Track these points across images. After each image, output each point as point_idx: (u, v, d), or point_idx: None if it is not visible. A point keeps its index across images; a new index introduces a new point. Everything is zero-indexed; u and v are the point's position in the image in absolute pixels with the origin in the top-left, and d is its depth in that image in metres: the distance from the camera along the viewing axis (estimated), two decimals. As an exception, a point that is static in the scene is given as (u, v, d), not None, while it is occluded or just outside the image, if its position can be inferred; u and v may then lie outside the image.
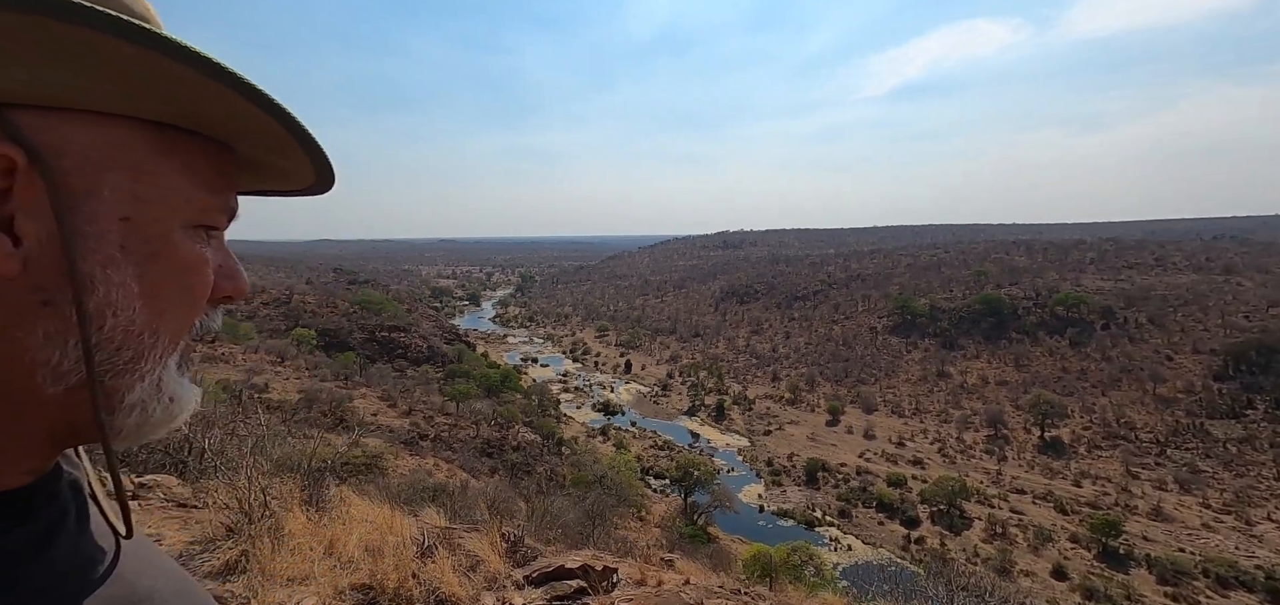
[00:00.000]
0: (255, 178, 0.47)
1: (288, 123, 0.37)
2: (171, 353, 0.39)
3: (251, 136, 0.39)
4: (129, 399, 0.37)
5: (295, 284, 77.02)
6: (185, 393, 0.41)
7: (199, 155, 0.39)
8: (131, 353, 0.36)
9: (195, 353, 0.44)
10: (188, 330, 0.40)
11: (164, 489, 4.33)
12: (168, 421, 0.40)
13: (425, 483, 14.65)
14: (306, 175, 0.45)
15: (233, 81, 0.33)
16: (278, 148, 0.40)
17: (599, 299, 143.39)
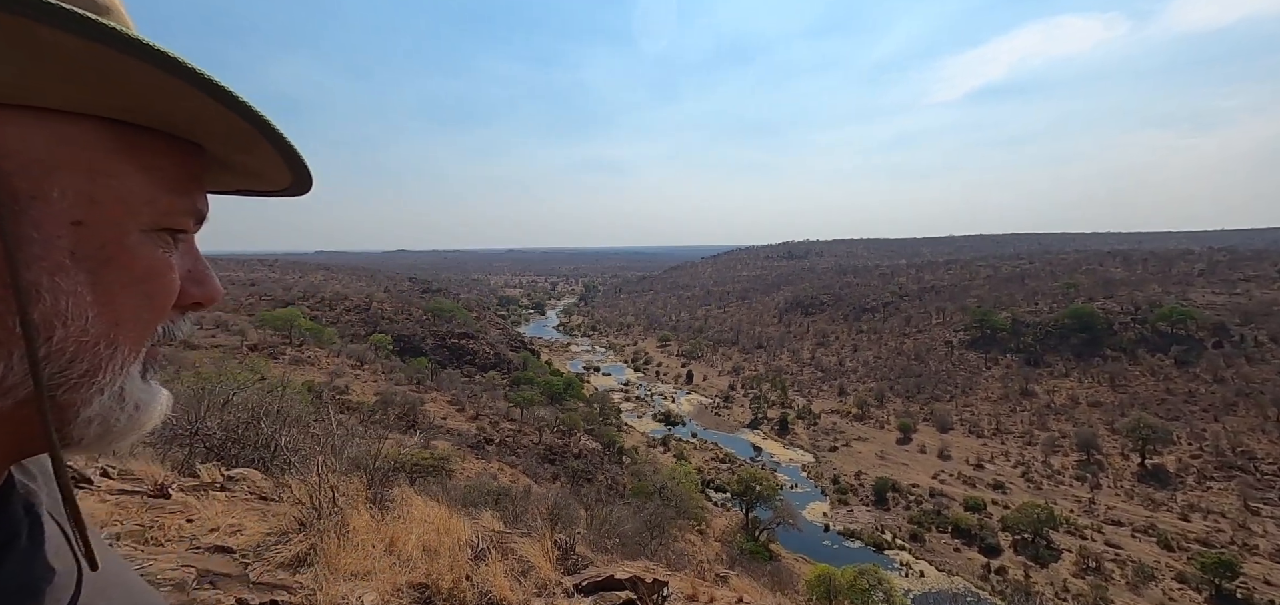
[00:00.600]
0: (229, 178, 0.45)
1: (252, 118, 0.35)
2: (133, 361, 0.37)
3: (216, 134, 0.37)
4: (87, 412, 0.35)
5: (374, 292, 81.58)
6: (151, 399, 0.40)
7: (161, 155, 0.37)
8: (87, 365, 0.34)
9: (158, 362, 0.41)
10: (150, 338, 0.39)
11: (248, 482, 4.65)
12: (134, 430, 0.39)
13: (489, 487, 15.09)
14: (282, 175, 0.43)
15: (190, 76, 0.31)
16: (245, 144, 0.38)
17: (661, 309, 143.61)
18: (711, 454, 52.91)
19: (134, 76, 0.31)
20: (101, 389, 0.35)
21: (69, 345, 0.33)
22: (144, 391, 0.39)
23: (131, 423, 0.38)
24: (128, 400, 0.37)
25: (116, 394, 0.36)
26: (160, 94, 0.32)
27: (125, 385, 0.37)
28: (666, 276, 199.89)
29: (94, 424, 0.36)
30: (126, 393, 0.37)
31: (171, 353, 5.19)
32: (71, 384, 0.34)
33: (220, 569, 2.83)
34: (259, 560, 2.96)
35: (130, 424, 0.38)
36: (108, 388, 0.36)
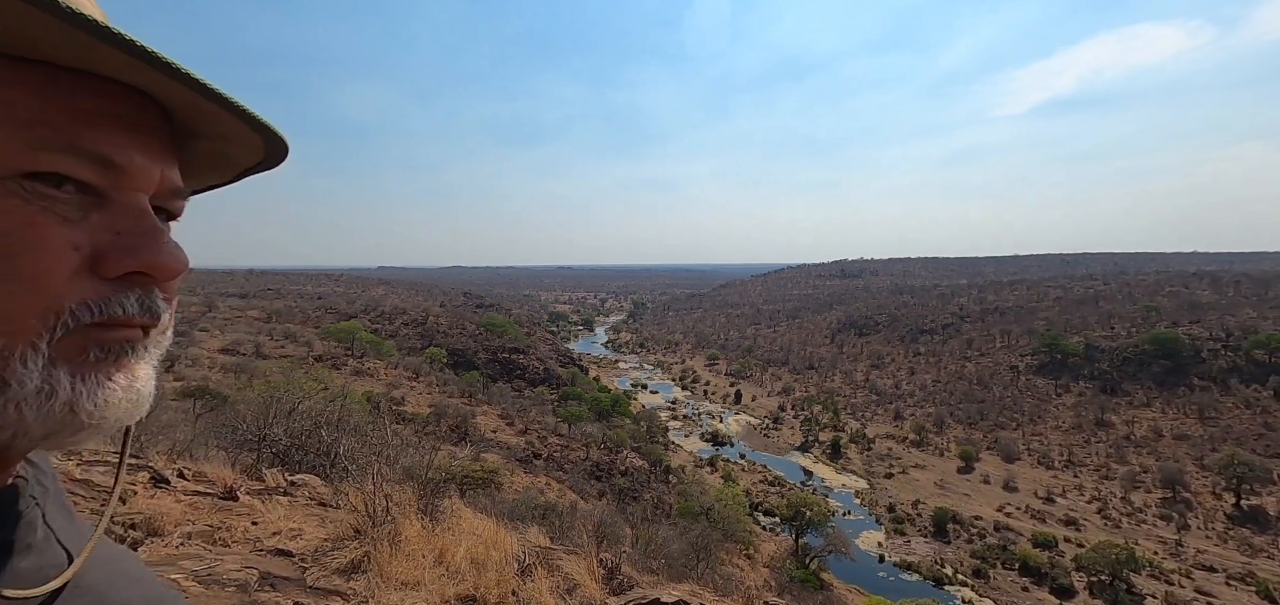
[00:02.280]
0: (222, 150, 0.41)
1: (74, 18, 0.26)
2: (12, 343, 0.30)
3: (53, 47, 0.29)
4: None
5: (431, 307, 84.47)
6: (83, 393, 0.32)
7: (6, 86, 0.29)
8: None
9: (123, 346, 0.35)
10: (45, 314, 0.30)
11: (309, 488, 4.84)
12: (65, 429, 0.32)
13: (536, 501, 15.23)
14: (241, 130, 0.38)
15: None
16: (83, 53, 0.30)
17: (709, 327, 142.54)
18: (760, 476, 51.81)
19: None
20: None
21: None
22: (65, 382, 0.31)
23: (50, 417, 0.31)
24: (18, 389, 0.30)
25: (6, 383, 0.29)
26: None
27: (8, 370, 0.30)
28: (716, 294, 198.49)
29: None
30: (12, 377, 0.30)
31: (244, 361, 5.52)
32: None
33: (280, 571, 2.94)
34: (316, 565, 3.06)
35: (50, 418, 0.31)
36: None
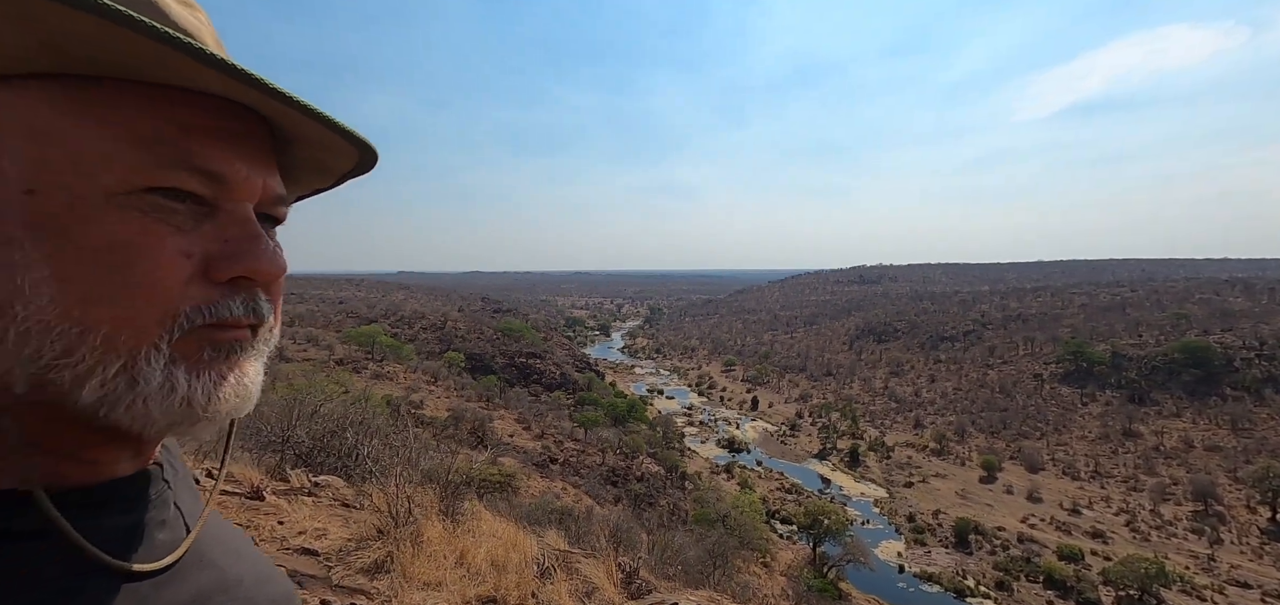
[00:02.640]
0: (301, 151, 0.43)
1: (168, 40, 0.30)
2: (137, 344, 0.33)
3: (168, 71, 0.33)
4: (86, 397, 0.33)
5: (449, 311, 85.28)
6: (199, 389, 0.36)
7: (132, 107, 0.33)
8: (62, 345, 0.32)
9: (234, 345, 0.38)
10: (162, 317, 0.34)
11: (333, 489, 4.92)
12: (184, 420, 0.36)
13: (553, 505, 15.26)
14: (340, 144, 0.42)
15: (94, 6, 0.27)
16: (192, 76, 0.34)
17: (726, 333, 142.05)
18: (777, 483, 51.40)
19: (67, 24, 0.29)
20: (89, 372, 0.32)
21: (35, 324, 0.31)
22: (183, 379, 0.35)
23: (170, 412, 0.35)
24: (144, 385, 0.34)
25: (121, 378, 0.33)
26: (84, 35, 0.29)
27: (136, 368, 0.33)
28: (732, 300, 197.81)
29: (114, 408, 0.34)
30: (139, 376, 0.34)
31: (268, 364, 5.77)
32: (52, 365, 0.32)
33: (306, 570, 3.00)
34: (341, 564, 3.11)
35: (171, 413, 0.35)
36: (99, 370, 0.33)
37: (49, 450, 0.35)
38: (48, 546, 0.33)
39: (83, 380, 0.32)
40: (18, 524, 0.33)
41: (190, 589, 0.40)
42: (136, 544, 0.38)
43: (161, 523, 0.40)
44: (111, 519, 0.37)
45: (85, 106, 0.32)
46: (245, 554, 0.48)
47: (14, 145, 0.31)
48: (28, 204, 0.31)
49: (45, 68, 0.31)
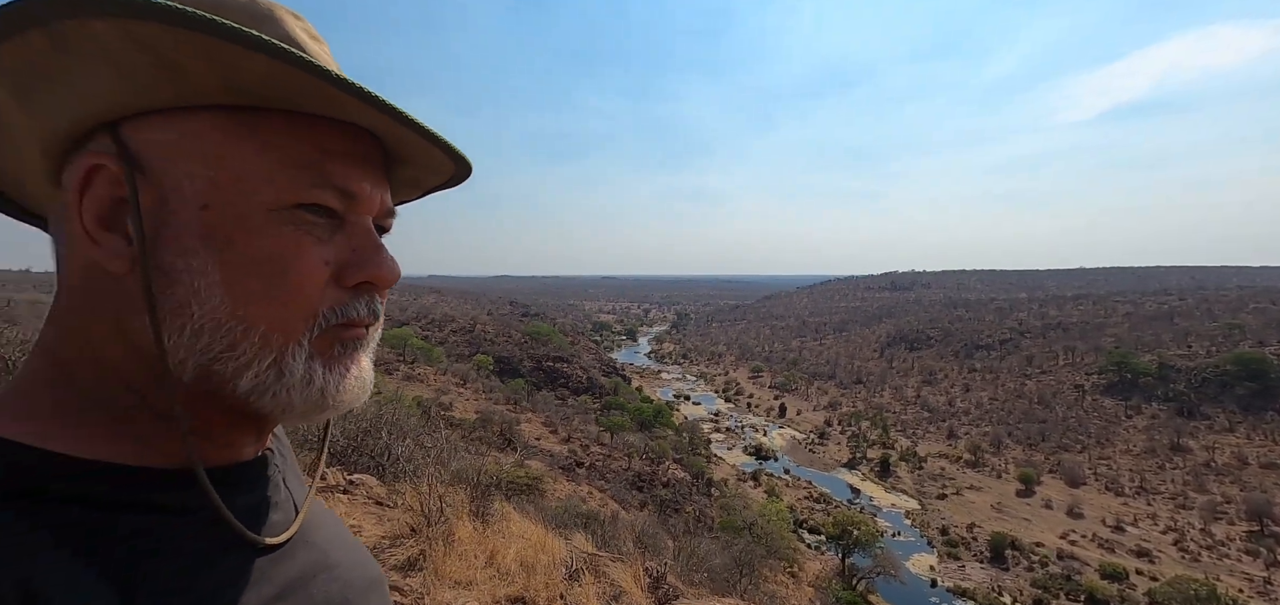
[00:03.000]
0: (406, 171, 0.49)
1: (320, 73, 0.35)
2: (286, 340, 0.39)
3: (305, 95, 0.38)
4: (243, 385, 0.38)
5: (478, 315, 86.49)
6: (336, 379, 0.42)
7: (280, 133, 0.39)
8: (227, 340, 0.38)
9: (356, 342, 0.44)
10: (305, 317, 0.40)
11: (366, 488, 5.04)
12: (321, 407, 0.41)
13: (579, 509, 15.31)
14: (437, 155, 0.46)
15: (269, 47, 0.33)
16: (333, 103, 0.39)
17: (753, 339, 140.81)
18: (805, 492, 50.65)
19: (205, 52, 0.34)
20: (247, 364, 0.38)
21: (206, 323, 0.37)
22: (319, 371, 0.41)
23: (308, 399, 0.40)
24: (289, 376, 0.39)
25: (271, 370, 0.39)
26: (231, 66, 0.34)
27: (283, 361, 0.39)
28: (760, 306, 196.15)
29: (263, 396, 0.39)
30: (285, 368, 0.39)
31: None
32: (218, 357, 0.38)
33: (342, 565, 3.08)
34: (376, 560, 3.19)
35: (309, 401, 0.41)
36: (255, 363, 0.38)
37: (198, 433, 0.40)
38: (190, 520, 0.38)
39: (242, 371, 0.38)
40: (161, 498, 0.37)
41: (298, 566, 0.44)
42: (259, 522, 0.43)
43: (275, 504, 0.45)
44: (241, 497, 0.42)
45: (248, 133, 0.38)
46: (342, 538, 0.53)
47: (192, 167, 0.37)
48: (201, 218, 0.37)
49: (218, 100, 0.37)
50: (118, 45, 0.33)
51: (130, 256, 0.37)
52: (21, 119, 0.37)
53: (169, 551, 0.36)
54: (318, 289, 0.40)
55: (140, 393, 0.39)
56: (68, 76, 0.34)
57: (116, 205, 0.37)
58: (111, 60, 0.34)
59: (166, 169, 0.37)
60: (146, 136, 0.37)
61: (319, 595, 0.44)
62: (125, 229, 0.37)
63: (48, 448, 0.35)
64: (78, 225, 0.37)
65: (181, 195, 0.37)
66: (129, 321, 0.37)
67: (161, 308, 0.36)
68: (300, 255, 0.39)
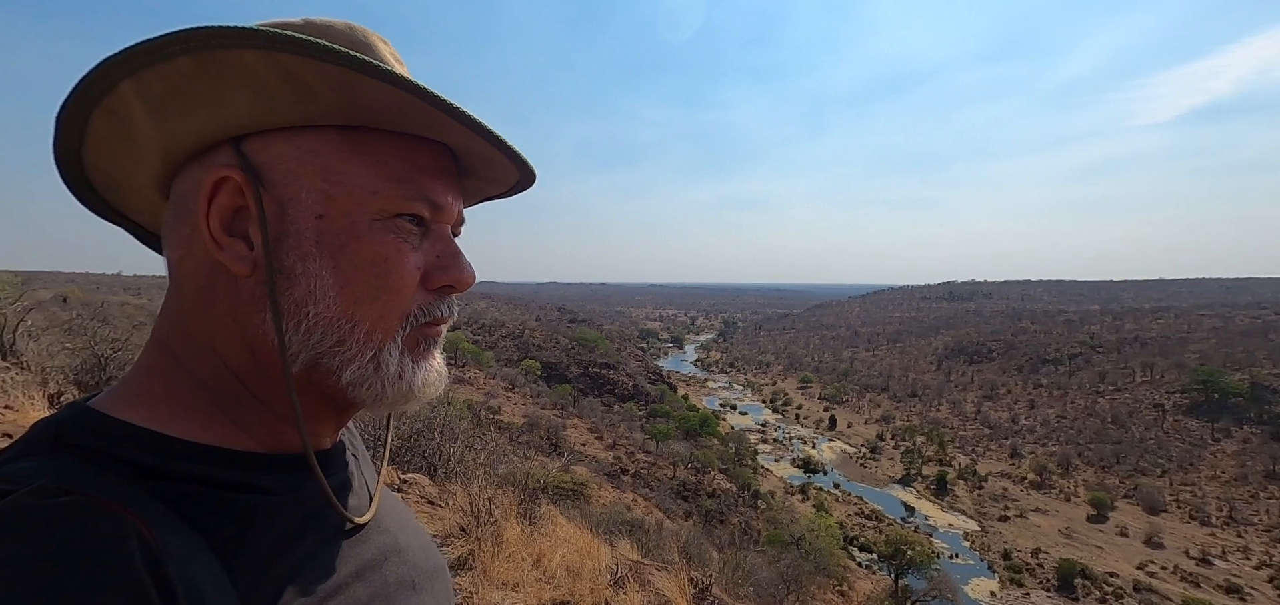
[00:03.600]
0: (475, 184, 0.53)
1: (434, 101, 0.40)
2: (384, 337, 0.44)
3: (411, 119, 0.43)
4: (345, 377, 0.43)
5: (527, 320, 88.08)
6: (420, 373, 0.47)
7: (386, 150, 0.43)
8: (336, 337, 0.42)
9: (435, 339, 0.49)
10: (400, 316, 0.45)
11: (418, 487, 5.19)
12: (407, 397, 0.46)
13: (623, 517, 15.31)
14: (498, 161, 0.49)
15: (358, 64, 0.37)
16: (434, 125, 0.43)
17: (803, 349, 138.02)
18: (855, 508, 49.11)
19: (336, 83, 0.39)
20: (352, 358, 0.43)
21: (320, 320, 0.41)
22: (406, 366, 0.45)
23: (398, 391, 0.45)
24: (385, 370, 0.44)
25: (370, 364, 0.43)
26: (355, 93, 0.40)
27: (380, 356, 0.44)
28: (809, 315, 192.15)
29: (360, 388, 0.44)
30: (381, 364, 0.44)
31: None
32: (327, 352, 0.42)
33: (396, 562, 3.18)
34: (426, 558, 3.27)
35: (398, 392, 0.45)
36: (358, 357, 0.43)
37: (291, 421, 0.45)
38: (281, 500, 0.42)
39: (347, 364, 0.43)
40: (256, 479, 0.41)
41: (372, 549, 0.47)
42: (346, 502, 0.47)
43: (352, 489, 0.50)
44: (332, 477, 0.47)
45: (358, 150, 0.42)
46: (410, 524, 0.57)
47: (309, 181, 0.41)
48: (317, 226, 0.41)
49: (335, 121, 0.42)
50: (263, 72, 0.38)
51: (252, 260, 0.41)
52: (151, 132, 0.40)
53: (264, 527, 0.40)
54: (411, 291, 0.45)
55: (247, 383, 0.43)
56: (208, 97, 0.39)
57: (238, 213, 0.41)
58: (253, 84, 0.38)
59: (286, 181, 0.41)
60: (269, 151, 0.41)
61: (391, 577, 0.47)
62: (246, 234, 0.41)
63: (161, 431, 0.39)
64: (204, 230, 0.40)
65: (300, 205, 0.41)
66: (248, 318, 0.41)
67: (282, 306, 0.41)
68: (399, 260, 0.44)
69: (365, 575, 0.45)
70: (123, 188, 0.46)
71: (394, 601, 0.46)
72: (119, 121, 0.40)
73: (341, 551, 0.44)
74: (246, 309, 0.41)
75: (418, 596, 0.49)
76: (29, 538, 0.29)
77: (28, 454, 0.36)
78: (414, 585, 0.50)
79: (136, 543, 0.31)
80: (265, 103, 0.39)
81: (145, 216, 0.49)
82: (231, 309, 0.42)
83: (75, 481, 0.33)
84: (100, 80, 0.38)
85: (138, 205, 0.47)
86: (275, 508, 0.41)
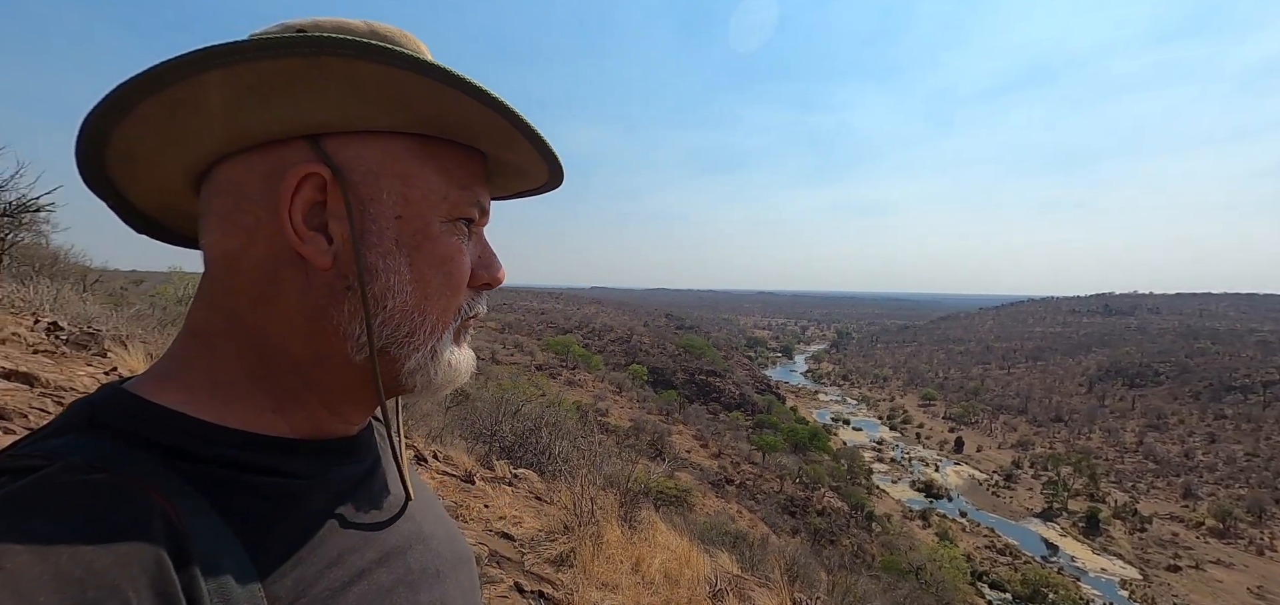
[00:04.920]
0: (503, 180, 0.55)
1: (507, 114, 0.44)
2: (443, 329, 0.48)
3: (485, 133, 0.47)
4: (408, 365, 0.46)
5: (635, 326, 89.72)
6: (461, 360, 0.51)
7: (450, 159, 0.47)
8: (408, 328, 0.45)
9: (468, 331, 0.53)
10: (454, 310, 0.49)
11: (528, 482, 5.44)
12: (449, 383, 0.49)
13: (727, 528, 15.07)
14: (541, 168, 0.52)
15: (471, 89, 0.41)
16: (506, 141, 0.47)
17: (925, 363, 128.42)
18: (986, 540, 44.72)
19: (433, 96, 0.42)
20: (418, 348, 0.46)
21: (396, 312, 0.45)
22: (454, 353, 0.50)
23: (445, 377, 0.49)
24: (439, 358, 0.48)
25: (429, 352, 0.47)
26: (450, 107, 0.43)
27: (437, 346, 0.47)
28: (934, 327, 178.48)
29: (417, 374, 0.47)
30: (437, 352, 0.48)
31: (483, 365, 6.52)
32: (398, 342, 0.45)
33: (504, 552, 3.34)
34: (532, 552, 3.41)
35: (445, 378, 0.49)
36: (423, 347, 0.46)
37: (328, 407, 0.47)
38: (312, 485, 0.44)
39: (413, 353, 0.46)
40: (289, 464, 0.43)
41: (396, 536, 0.49)
42: (368, 491, 0.49)
43: (377, 475, 0.52)
44: (352, 468, 0.49)
45: (430, 157, 0.46)
46: (436, 512, 0.58)
47: (389, 183, 0.44)
48: (396, 226, 0.44)
49: (419, 130, 0.45)
50: (373, 82, 0.40)
51: (332, 253, 0.43)
52: (217, 121, 0.41)
53: (290, 512, 0.41)
54: (464, 287, 0.49)
55: (303, 371, 0.45)
56: (302, 95, 0.40)
57: (314, 207, 0.43)
58: (358, 92, 0.41)
59: (366, 181, 0.43)
60: (348, 151, 0.43)
61: (414, 564, 0.49)
62: (324, 228, 0.43)
63: (193, 414, 0.41)
64: (285, 223, 0.42)
65: (380, 205, 0.44)
66: (323, 309, 0.43)
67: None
68: (461, 259, 0.48)
69: (388, 561, 0.46)
70: (142, 165, 0.45)
71: (417, 589, 0.47)
72: (178, 108, 0.40)
73: (366, 537, 0.46)
74: (320, 300, 0.43)
75: (442, 585, 0.50)
76: (58, 512, 0.30)
77: (63, 432, 0.38)
78: (438, 573, 0.51)
79: (160, 522, 0.32)
80: (360, 108, 0.42)
81: (149, 196, 0.49)
82: (301, 300, 0.43)
83: (106, 460, 0.35)
84: (175, 72, 0.38)
85: (151, 186, 0.48)
86: (303, 492, 0.43)
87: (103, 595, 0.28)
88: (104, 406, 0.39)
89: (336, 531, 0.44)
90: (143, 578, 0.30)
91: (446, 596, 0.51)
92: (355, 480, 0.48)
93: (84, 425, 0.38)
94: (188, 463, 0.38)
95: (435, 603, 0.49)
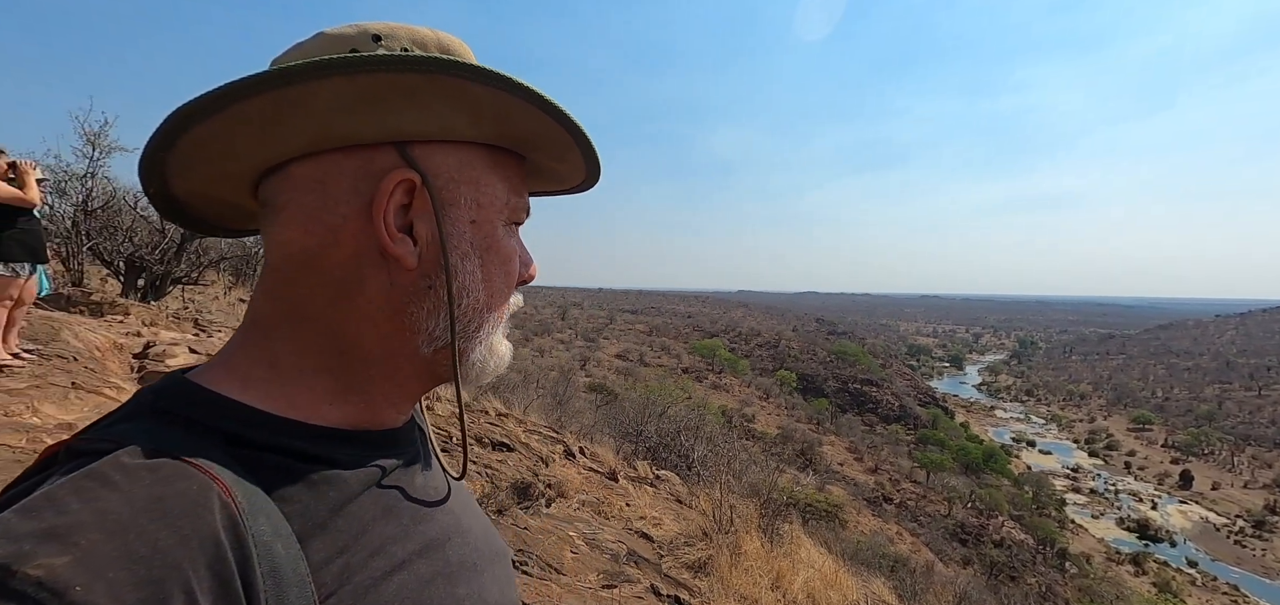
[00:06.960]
0: (539, 182, 0.58)
1: (573, 131, 0.48)
2: (500, 322, 0.52)
3: (545, 145, 0.50)
4: (471, 357, 0.50)
5: (783, 330, 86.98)
6: (506, 350, 0.54)
7: (510, 167, 0.51)
8: (477, 323, 0.49)
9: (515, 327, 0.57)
10: (505, 305, 0.53)
11: (670, 484, 5.49)
12: (495, 371, 0.53)
13: (884, 550, 13.96)
14: (578, 173, 0.56)
15: (542, 104, 0.45)
16: (559, 153, 0.51)
17: (1136, 379, 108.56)
18: (1223, 597, 36.51)
19: (511, 109, 0.45)
20: (480, 341, 0.50)
21: (468, 309, 0.48)
22: (502, 344, 0.53)
23: (496, 366, 0.53)
24: (494, 350, 0.52)
25: (488, 345, 0.51)
26: (521, 120, 0.46)
27: (493, 339, 0.52)
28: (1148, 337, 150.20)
29: (475, 366, 0.51)
30: (492, 344, 0.52)
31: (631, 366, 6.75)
32: (468, 336, 0.49)
33: (643, 552, 3.39)
34: (670, 555, 3.43)
35: (494, 367, 0.53)
36: (484, 340, 0.51)
37: (383, 399, 0.50)
38: (361, 475, 0.46)
39: (477, 346, 0.50)
40: (342, 454, 0.46)
41: (436, 527, 0.50)
42: (412, 483, 0.51)
43: (422, 466, 0.54)
44: (399, 458, 0.51)
45: (496, 166, 0.50)
46: (472, 507, 0.60)
47: (465, 190, 0.48)
48: (471, 229, 0.48)
49: (491, 141, 0.49)
50: (479, 103, 0.44)
51: (417, 254, 0.46)
52: (312, 123, 0.43)
53: (339, 499, 0.43)
54: (514, 283, 0.54)
55: (374, 364, 0.48)
56: (411, 108, 0.43)
57: (401, 211, 0.45)
58: (461, 110, 0.44)
59: (446, 187, 0.47)
60: (432, 160, 0.46)
61: (453, 557, 0.50)
62: (409, 230, 0.46)
63: (257, 406, 0.43)
64: (379, 225, 0.44)
65: (459, 209, 0.47)
66: (405, 307, 0.46)
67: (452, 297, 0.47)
68: (516, 258, 0.53)
69: (429, 553, 0.48)
70: (212, 155, 0.45)
71: (456, 581, 0.49)
72: (287, 106, 0.41)
73: (407, 528, 0.47)
74: (402, 298, 0.46)
75: (479, 578, 0.52)
76: (122, 491, 0.32)
77: (129, 418, 0.40)
78: (475, 567, 0.52)
79: (219, 505, 0.35)
80: (456, 122, 0.45)
81: (199, 184, 0.49)
82: (384, 297, 0.46)
83: (167, 445, 0.37)
84: (304, 75, 0.39)
85: (208, 175, 0.48)
86: (352, 482, 0.45)
87: (165, 573, 0.30)
88: (167, 395, 0.42)
89: (380, 521, 0.45)
90: (201, 558, 0.32)
91: (484, 590, 0.52)
92: (399, 471, 0.50)
93: (149, 412, 0.40)
94: (246, 450, 0.40)
95: (472, 596, 0.50)
